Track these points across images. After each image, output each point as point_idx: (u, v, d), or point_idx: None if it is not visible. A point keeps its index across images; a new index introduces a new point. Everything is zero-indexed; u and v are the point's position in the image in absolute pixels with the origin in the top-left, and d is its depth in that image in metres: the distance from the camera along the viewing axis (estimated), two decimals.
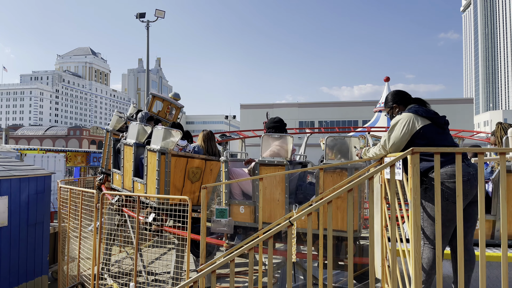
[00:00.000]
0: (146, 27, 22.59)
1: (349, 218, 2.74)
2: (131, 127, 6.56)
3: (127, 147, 6.49)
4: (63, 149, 26.75)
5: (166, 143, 5.61)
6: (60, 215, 7.77)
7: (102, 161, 8.27)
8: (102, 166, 8.27)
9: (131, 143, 6.32)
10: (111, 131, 7.94)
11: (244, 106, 61.52)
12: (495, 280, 3.23)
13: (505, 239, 2.37)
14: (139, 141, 6.33)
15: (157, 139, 5.70)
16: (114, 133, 7.92)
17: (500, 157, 2.43)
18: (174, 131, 5.70)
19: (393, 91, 3.47)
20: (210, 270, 2.82)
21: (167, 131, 5.67)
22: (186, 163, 5.81)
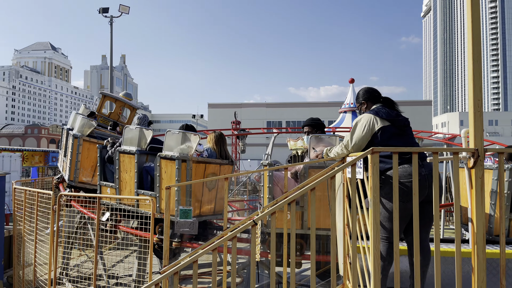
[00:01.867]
0: (110, 22, 21.92)
1: (312, 216, 2.77)
2: (128, 131, 5.76)
3: (125, 156, 5.66)
4: (20, 148, 25.46)
5: (184, 149, 5.03)
6: (15, 217, 7.39)
7: (71, 172, 7.03)
8: (71, 178, 7.04)
9: (133, 151, 5.55)
10: (80, 137, 6.94)
11: (212, 105, 61.14)
12: (450, 274, 3.38)
13: (458, 234, 2.48)
14: (141, 147, 5.66)
15: (172, 144, 5.12)
16: (85, 139, 6.98)
17: (454, 156, 2.55)
18: (192, 135, 5.13)
19: (364, 87, 3.52)
20: (173, 271, 2.77)
21: (185, 135, 5.09)
22: (204, 169, 5.27)
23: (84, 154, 6.91)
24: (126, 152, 5.64)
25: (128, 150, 5.63)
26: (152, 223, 4.64)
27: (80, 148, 6.77)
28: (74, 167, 6.87)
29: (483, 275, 2.39)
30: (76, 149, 6.71)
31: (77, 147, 6.74)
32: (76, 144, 6.74)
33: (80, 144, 6.76)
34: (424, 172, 2.91)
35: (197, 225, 4.29)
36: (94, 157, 6.85)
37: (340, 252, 3.47)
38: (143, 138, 5.67)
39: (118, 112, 8.96)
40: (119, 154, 5.74)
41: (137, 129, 5.73)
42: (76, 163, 6.84)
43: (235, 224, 5.45)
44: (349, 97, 21.13)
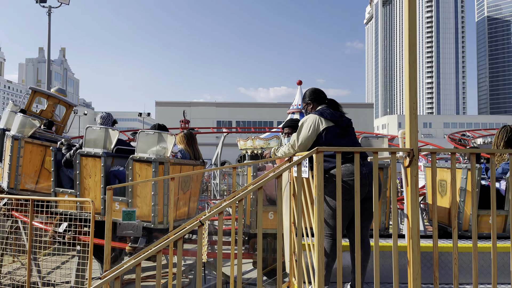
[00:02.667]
0: (48, 13, 20.55)
1: (259, 215, 2.79)
2: (90, 132, 5.27)
3: (89, 159, 5.19)
4: None
5: (160, 150, 4.75)
6: None
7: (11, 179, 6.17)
8: (11, 185, 6.19)
9: (99, 153, 5.10)
10: (22, 138, 6.14)
11: (160, 103, 59.67)
12: (389, 268, 3.56)
13: (395, 230, 2.62)
14: (108, 149, 5.22)
15: (145, 146, 4.82)
16: (27, 140, 6.21)
17: (392, 156, 2.69)
18: (168, 135, 4.87)
19: (311, 88, 3.60)
20: (114, 276, 2.65)
21: (160, 135, 4.81)
22: (180, 171, 5.05)
23: (26, 158, 6.10)
24: (91, 155, 5.12)
25: (93, 152, 5.11)
26: (92, 226, 4.41)
27: (21, 151, 5.98)
28: (14, 172, 6.05)
29: (418, 268, 2.54)
30: (17, 152, 5.92)
31: (18, 150, 5.94)
32: (17, 147, 5.94)
33: (21, 146, 5.97)
34: (365, 171, 3.05)
35: (141, 227, 4.14)
36: (38, 160, 6.24)
37: (287, 250, 3.53)
38: (108, 139, 5.18)
39: (51, 110, 8.10)
40: (80, 157, 5.16)
41: (102, 130, 5.22)
42: (17, 168, 6.03)
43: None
44: (297, 99, 21.63)
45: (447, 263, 3.72)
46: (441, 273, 3.68)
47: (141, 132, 4.96)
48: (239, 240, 2.79)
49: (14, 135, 5.95)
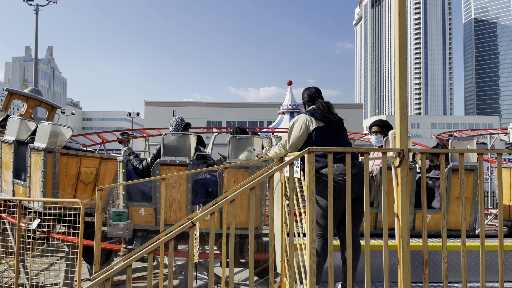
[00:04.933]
0: (35, 11, 20.25)
1: (251, 215, 2.79)
2: (167, 138, 4.79)
3: (173, 168, 4.69)
4: None
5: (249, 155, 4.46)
6: None
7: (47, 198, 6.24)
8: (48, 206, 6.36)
9: (185, 162, 4.63)
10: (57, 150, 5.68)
11: (149, 103, 59.29)
12: (379, 266, 3.60)
13: (386, 229, 2.65)
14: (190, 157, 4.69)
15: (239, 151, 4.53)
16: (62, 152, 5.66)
17: (382, 156, 2.72)
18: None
19: (307, 89, 3.59)
20: (104, 278, 2.62)
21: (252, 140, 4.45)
22: None
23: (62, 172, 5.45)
24: (174, 163, 4.60)
25: (178, 161, 4.57)
26: (82, 227, 4.36)
27: (57, 165, 5.32)
28: (51, 190, 5.61)
29: (408, 267, 2.58)
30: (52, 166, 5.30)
31: (54, 164, 5.34)
32: (52, 161, 5.29)
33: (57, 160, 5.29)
34: (354, 171, 3.07)
35: (131, 228, 4.11)
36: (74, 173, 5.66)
37: (278, 250, 3.54)
38: (189, 146, 4.74)
39: (30, 114, 7.63)
40: (161, 166, 4.63)
41: (184, 136, 4.77)
42: (53, 185, 5.51)
43: None
44: (287, 99, 21.76)
45: (436, 262, 3.77)
46: (430, 272, 3.73)
47: (232, 137, 4.60)
48: (231, 240, 2.79)
49: (48, 147, 5.14)
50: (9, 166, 5.63)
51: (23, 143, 5.49)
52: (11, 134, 5.71)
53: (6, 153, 5.74)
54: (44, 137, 5.18)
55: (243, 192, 2.88)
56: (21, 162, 5.59)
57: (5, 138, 5.69)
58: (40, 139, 5.20)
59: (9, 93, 7.36)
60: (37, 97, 7.62)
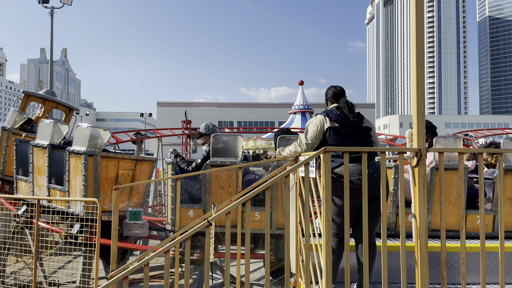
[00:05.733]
0: (50, 13, 20.60)
1: (267, 215, 2.79)
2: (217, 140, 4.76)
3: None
4: None
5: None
6: None
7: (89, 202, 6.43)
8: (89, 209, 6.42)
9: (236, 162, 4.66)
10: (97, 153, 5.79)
11: (161, 103, 59.81)
12: (394, 268, 3.56)
13: (403, 231, 2.62)
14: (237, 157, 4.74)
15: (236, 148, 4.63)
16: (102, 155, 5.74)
17: (399, 156, 2.69)
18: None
19: (332, 87, 3.57)
20: (122, 276, 2.65)
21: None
22: None
23: (102, 175, 5.41)
24: (225, 164, 4.62)
25: (228, 162, 4.60)
26: (99, 226, 4.42)
27: (98, 168, 5.29)
28: (92, 194, 5.64)
29: (426, 268, 2.55)
30: (94, 170, 5.26)
31: (95, 168, 5.30)
32: (93, 164, 5.26)
33: (97, 163, 5.27)
34: (368, 171, 3.04)
35: (147, 226, 4.15)
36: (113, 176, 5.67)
37: (293, 250, 3.53)
38: (238, 147, 4.78)
39: (46, 116, 7.63)
40: (211, 168, 4.70)
41: (233, 137, 4.83)
42: (95, 189, 5.55)
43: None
44: (299, 99, 21.69)
45: (453, 263, 3.72)
46: (446, 273, 3.68)
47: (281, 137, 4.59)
48: (247, 240, 2.79)
49: (88, 150, 5.05)
50: (43, 170, 5.45)
51: (57, 147, 5.43)
52: (44, 138, 5.54)
53: (39, 157, 5.53)
54: (83, 140, 5.09)
55: (258, 191, 2.88)
56: (54, 166, 5.50)
57: (38, 142, 5.50)
58: (78, 143, 5.09)
59: (26, 95, 7.41)
60: (54, 99, 7.65)
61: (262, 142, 17.76)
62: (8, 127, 6.69)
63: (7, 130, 6.67)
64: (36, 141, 5.58)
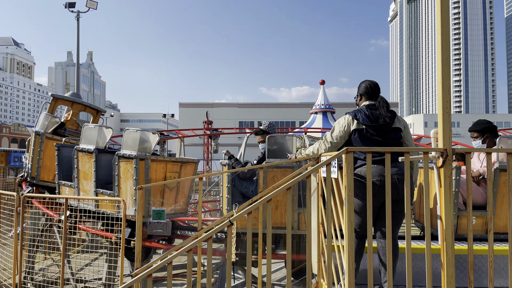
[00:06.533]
0: (76, 17, 21.20)
1: (288, 215, 2.79)
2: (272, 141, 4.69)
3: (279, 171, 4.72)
4: None
5: None
6: None
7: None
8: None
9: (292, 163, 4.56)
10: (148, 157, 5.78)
11: (183, 104, 60.52)
12: (418, 270, 3.49)
13: (428, 232, 2.56)
14: None
15: None
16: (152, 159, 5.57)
17: (424, 156, 2.63)
18: None
19: (367, 81, 3.49)
20: (146, 274, 2.71)
21: None
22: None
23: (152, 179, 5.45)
24: (280, 165, 4.57)
25: (284, 163, 4.53)
26: (124, 225, 4.52)
27: (149, 172, 5.31)
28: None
29: (452, 271, 2.48)
30: (145, 174, 5.28)
31: (146, 172, 5.31)
32: (144, 168, 5.25)
33: (148, 167, 5.28)
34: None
35: (170, 226, 4.21)
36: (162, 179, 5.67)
37: (314, 251, 3.51)
38: (292, 148, 4.73)
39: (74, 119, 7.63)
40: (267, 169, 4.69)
41: (288, 138, 4.77)
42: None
43: (208, 224, 5.41)
44: (320, 98, 21.52)
45: (481, 266, 3.61)
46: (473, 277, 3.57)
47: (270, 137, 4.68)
48: (268, 240, 2.80)
49: (139, 154, 5.02)
50: (89, 175, 5.42)
51: (102, 151, 5.40)
52: (89, 143, 5.52)
53: (85, 162, 5.50)
54: (133, 144, 5.07)
55: (279, 192, 2.88)
56: (100, 171, 5.50)
57: (83, 147, 5.47)
58: (128, 147, 5.06)
59: (54, 99, 7.44)
60: (83, 102, 7.65)
61: None
62: (41, 131, 6.64)
63: (40, 134, 6.61)
64: (81, 145, 5.54)
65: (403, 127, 3.29)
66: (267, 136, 4.72)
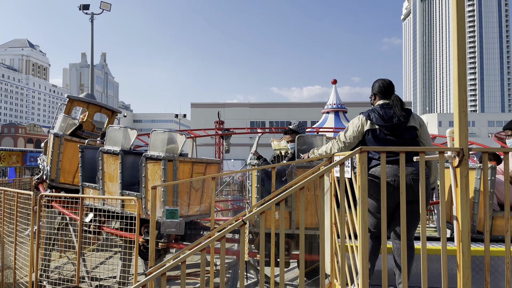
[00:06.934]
0: (91, 19, 21.51)
1: (301, 215, 2.78)
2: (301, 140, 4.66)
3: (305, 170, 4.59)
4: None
5: None
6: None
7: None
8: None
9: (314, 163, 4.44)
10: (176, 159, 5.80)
11: (195, 105, 60.86)
12: (434, 272, 3.44)
13: (444, 233, 2.53)
14: None
15: None
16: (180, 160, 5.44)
17: (440, 155, 2.60)
18: None
19: (380, 80, 3.46)
20: (160, 272, 2.73)
21: None
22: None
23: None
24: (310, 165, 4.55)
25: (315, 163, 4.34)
26: (138, 224, 4.57)
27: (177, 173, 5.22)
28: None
29: (469, 272, 2.44)
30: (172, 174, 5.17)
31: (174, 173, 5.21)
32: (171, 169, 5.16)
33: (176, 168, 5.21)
34: (398, 173, 2.95)
35: (183, 225, 4.24)
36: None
37: (327, 251, 3.49)
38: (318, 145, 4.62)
39: (92, 120, 7.65)
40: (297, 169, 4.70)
41: (318, 138, 4.73)
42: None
43: (220, 224, 5.43)
44: (332, 98, 21.37)
45: (497, 268, 3.54)
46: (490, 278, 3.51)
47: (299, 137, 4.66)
48: (281, 241, 2.79)
49: (167, 156, 4.96)
50: (115, 177, 5.40)
51: (129, 153, 5.38)
52: (114, 144, 5.50)
53: (110, 164, 5.48)
54: (161, 145, 5.03)
55: (292, 192, 2.88)
56: (125, 172, 5.48)
57: (109, 148, 5.45)
58: (155, 148, 5.03)
59: (70, 100, 7.44)
60: (98, 103, 7.68)
61: None
62: (60, 133, 6.62)
63: (59, 137, 6.59)
64: (106, 147, 5.52)
65: (419, 125, 3.23)
66: (296, 136, 4.67)
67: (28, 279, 5.59)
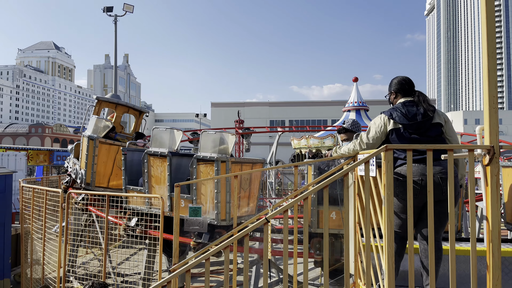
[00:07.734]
0: (114, 21, 21.95)
1: (325, 214, 2.76)
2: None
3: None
4: (24, 147, 25.57)
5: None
6: (23, 216, 7.42)
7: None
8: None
9: None
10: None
11: (215, 104, 61.23)
12: (462, 273, 3.35)
13: (474, 233, 2.46)
14: None
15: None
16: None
17: (469, 153, 2.52)
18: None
19: (398, 77, 3.39)
20: (185, 269, 2.77)
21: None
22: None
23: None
24: None
25: None
26: (162, 222, 4.64)
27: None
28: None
29: (498, 273, 2.37)
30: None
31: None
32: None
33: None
34: (426, 172, 2.87)
35: (206, 223, 4.27)
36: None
37: (351, 251, 3.45)
38: None
39: (120, 121, 7.66)
40: None
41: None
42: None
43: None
44: (353, 96, 21.11)
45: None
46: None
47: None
48: (305, 239, 2.78)
49: (220, 157, 4.88)
50: (162, 179, 5.31)
51: (177, 155, 5.31)
52: (161, 146, 5.38)
53: (157, 166, 5.39)
54: (212, 145, 4.93)
55: (316, 190, 2.86)
56: (172, 174, 5.37)
57: (155, 150, 5.35)
58: (205, 149, 4.95)
59: (99, 101, 7.46)
60: (126, 104, 7.69)
61: (315, 141, 17.50)
62: (94, 136, 6.55)
63: (94, 139, 6.51)
64: (152, 149, 5.41)
65: (444, 122, 3.13)
66: (354, 135, 4.57)
67: (56, 275, 5.77)
